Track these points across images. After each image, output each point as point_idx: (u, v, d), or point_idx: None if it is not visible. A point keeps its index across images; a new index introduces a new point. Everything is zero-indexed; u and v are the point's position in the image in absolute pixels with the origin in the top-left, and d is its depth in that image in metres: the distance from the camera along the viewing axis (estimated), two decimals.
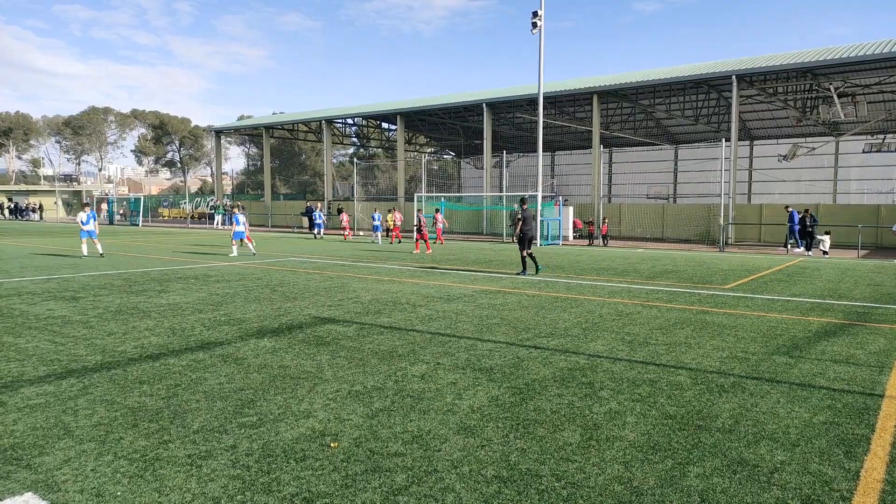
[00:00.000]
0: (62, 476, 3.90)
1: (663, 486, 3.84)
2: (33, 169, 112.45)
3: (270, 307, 10.27)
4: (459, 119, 48.02)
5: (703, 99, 39.53)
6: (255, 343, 7.63)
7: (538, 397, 5.59)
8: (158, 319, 9.09)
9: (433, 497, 3.68)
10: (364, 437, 4.60)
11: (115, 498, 3.62)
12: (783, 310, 10.53)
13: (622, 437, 4.66)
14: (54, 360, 6.72)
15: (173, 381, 5.98)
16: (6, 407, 5.17)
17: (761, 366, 6.76)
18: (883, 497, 3.74)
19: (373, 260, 19.60)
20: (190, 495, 3.66)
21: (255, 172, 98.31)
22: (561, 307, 10.59)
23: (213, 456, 4.23)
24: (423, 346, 7.53)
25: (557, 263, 18.98)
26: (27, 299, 10.85)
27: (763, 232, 29.89)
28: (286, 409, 5.21)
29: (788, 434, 4.75)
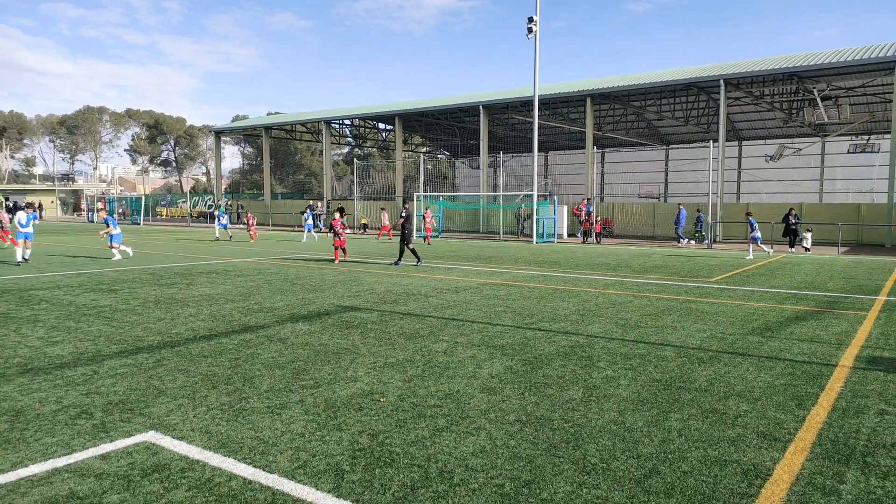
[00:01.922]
0: (172, 420, 4.88)
1: (649, 426, 4.87)
2: (27, 168, 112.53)
3: (295, 297, 11.24)
4: (455, 120, 49.02)
5: (692, 101, 40.72)
6: (292, 326, 8.61)
7: (546, 367, 6.61)
8: (197, 308, 10.05)
9: (469, 433, 4.69)
10: (405, 395, 5.60)
11: (221, 434, 4.60)
12: (761, 299, 11.60)
13: (616, 394, 5.69)
14: (120, 340, 7.68)
15: (232, 355, 6.96)
16: (100, 374, 6.14)
17: (736, 343, 7.81)
18: (820, 432, 4.78)
19: (378, 257, 20.56)
20: (279, 432, 4.66)
21: (250, 172, 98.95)
22: (560, 297, 11.62)
23: (287, 407, 5.23)
24: (441, 329, 8.54)
25: (554, 259, 20.02)
26: (69, 291, 11.77)
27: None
28: (335, 375, 6.21)
29: (753, 392, 5.79)
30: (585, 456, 4.28)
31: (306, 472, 3.99)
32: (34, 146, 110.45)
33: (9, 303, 10.37)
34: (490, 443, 4.50)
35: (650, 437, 4.63)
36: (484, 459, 4.21)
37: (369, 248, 25.15)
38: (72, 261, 17.89)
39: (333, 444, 4.44)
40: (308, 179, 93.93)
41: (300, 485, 3.80)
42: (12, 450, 4.26)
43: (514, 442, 4.52)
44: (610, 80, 39.03)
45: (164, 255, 20.29)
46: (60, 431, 4.61)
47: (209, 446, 4.37)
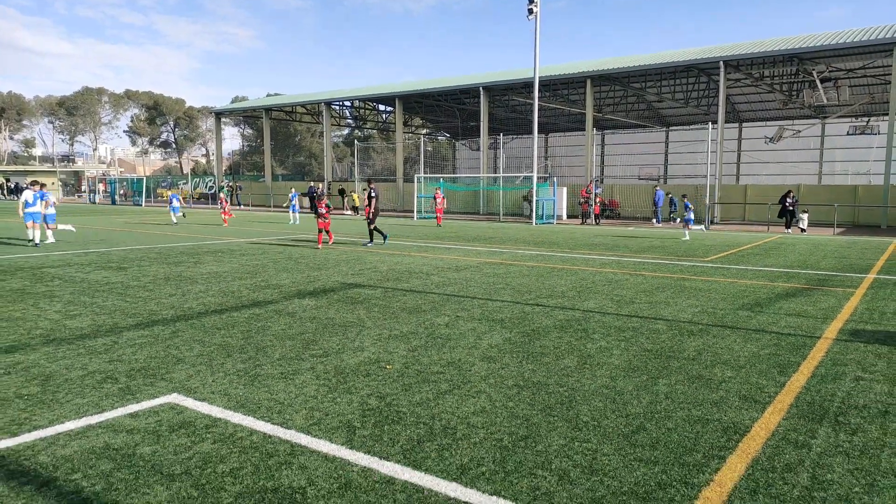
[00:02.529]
0: (192, 384, 5.22)
1: (639, 390, 5.21)
2: (26, 149, 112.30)
3: (300, 275, 11.56)
4: (456, 101, 49.02)
5: (692, 82, 40.75)
6: (299, 302, 8.93)
7: (543, 338, 6.95)
8: (206, 285, 10.37)
9: (470, 395, 5.03)
10: (410, 363, 5.94)
11: (239, 396, 4.94)
12: (753, 277, 11.93)
13: (609, 363, 6.02)
14: (136, 313, 8.01)
15: (243, 327, 7.29)
16: (119, 344, 6.47)
17: (726, 318, 8.15)
18: (799, 396, 5.12)
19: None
20: (293, 394, 5.00)
21: (250, 153, 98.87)
22: (557, 275, 11.94)
23: (299, 373, 5.56)
24: (442, 304, 8.86)
25: (553, 240, 20.32)
26: (80, 269, 12.09)
27: (748, 211, 31.33)
28: (343, 346, 6.54)
29: (738, 361, 6.12)
30: (578, 415, 4.62)
31: (320, 428, 4.33)
32: (33, 127, 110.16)
33: (23, 279, 10.69)
34: (490, 404, 4.84)
35: (639, 400, 4.97)
36: (484, 418, 4.55)
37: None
38: (78, 239, 18.18)
39: (344, 405, 4.78)
40: (308, 161, 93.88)
41: (315, 438, 4.14)
42: (47, 409, 4.60)
43: (512, 403, 4.86)
44: (610, 62, 39.03)
45: (167, 235, 20.59)
46: (89, 394, 4.94)
47: (229, 406, 4.71)
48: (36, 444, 3.98)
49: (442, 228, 25.69)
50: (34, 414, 4.49)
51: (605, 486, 3.55)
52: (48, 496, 3.34)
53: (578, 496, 3.43)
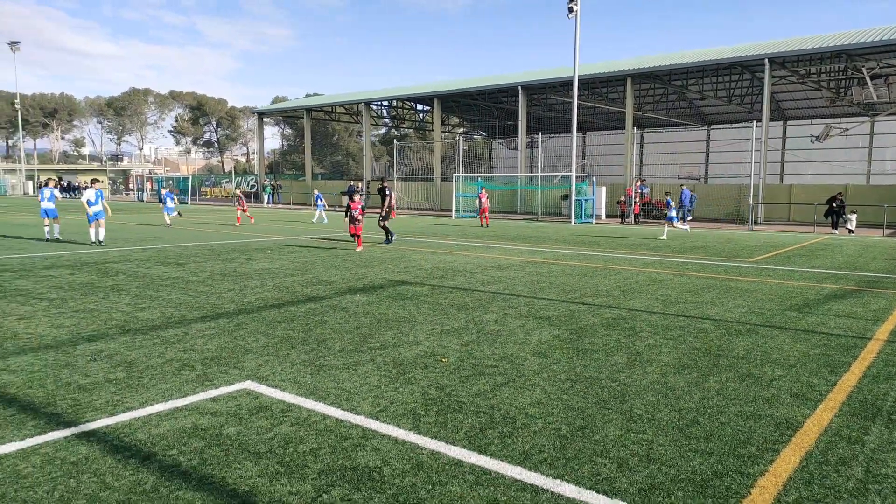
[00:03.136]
0: (263, 372, 5.56)
1: (690, 386, 5.35)
2: (76, 149, 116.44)
3: (348, 272, 11.92)
4: (493, 100, 49.11)
5: (735, 80, 40.02)
6: (351, 297, 9.27)
7: (591, 336, 7.12)
8: (261, 280, 10.80)
9: (525, 388, 5.25)
10: (464, 357, 6.18)
11: (308, 384, 5.26)
12: (801, 279, 11.83)
13: (659, 360, 6.17)
14: (199, 307, 8.45)
15: (302, 321, 7.64)
16: (190, 335, 6.88)
17: (774, 318, 8.18)
18: (851, 394, 5.19)
19: (418, 235, 21.18)
20: (357, 383, 5.29)
21: (289, 152, 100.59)
22: (601, 275, 12.05)
23: (360, 364, 5.86)
24: (489, 302, 9.09)
25: (593, 240, 20.34)
26: (140, 265, 12.69)
27: (792, 211, 30.70)
28: (399, 339, 6.83)
29: (788, 360, 6.20)
30: (632, 409, 4.80)
31: (387, 414, 4.61)
32: (83, 127, 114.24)
33: (90, 274, 11.30)
34: (545, 396, 5.06)
35: (690, 395, 5.12)
36: (541, 409, 4.77)
37: (404, 227, 25.74)
38: (134, 236, 18.96)
39: (407, 394, 5.05)
40: (345, 160, 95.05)
41: (384, 424, 4.42)
42: (136, 392, 4.99)
43: (567, 396, 5.06)
44: (651, 60, 38.63)
45: (218, 232, 21.29)
46: (171, 379, 5.33)
47: (300, 393, 5.02)
48: (132, 423, 4.36)
49: (481, 227, 25.88)
50: (125, 396, 4.89)
51: (663, 473, 3.73)
52: (151, 469, 3.69)
53: (638, 482, 3.62)
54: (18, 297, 8.97)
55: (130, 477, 3.57)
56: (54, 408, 4.62)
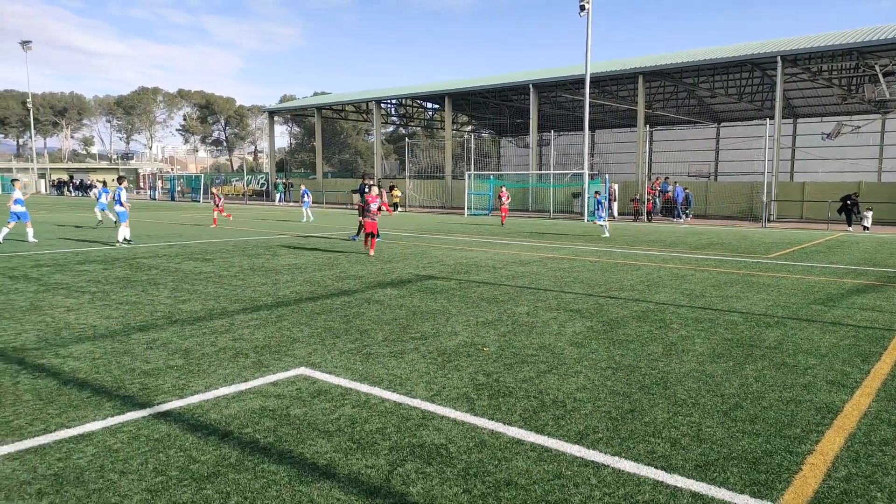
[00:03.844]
0: (315, 360, 5.78)
1: (727, 374, 5.54)
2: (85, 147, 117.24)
3: (374, 267, 12.14)
4: (503, 98, 49.24)
5: (746, 77, 40.04)
6: (382, 291, 9.48)
7: (624, 327, 7.31)
8: (291, 275, 11.03)
9: (569, 375, 5.44)
10: (504, 346, 6.39)
11: (359, 371, 5.47)
12: (821, 274, 11.97)
13: (693, 349, 6.35)
14: (238, 300, 8.68)
15: (340, 313, 7.86)
16: (236, 325, 7.11)
17: (800, 311, 8.34)
18: (885, 382, 5.37)
19: (434, 233, 21.39)
20: (407, 370, 5.50)
21: (297, 150, 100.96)
22: (623, 270, 12.23)
23: (405, 353, 6.07)
24: (518, 295, 9.29)
25: (608, 236, 20.49)
26: (170, 260, 12.94)
27: (805, 209, 30.75)
28: (437, 330, 7.04)
29: (819, 350, 6.37)
30: (675, 394, 4.99)
31: (442, 398, 4.81)
32: (92, 126, 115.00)
33: (123, 269, 11.56)
34: (589, 382, 5.25)
35: (730, 382, 5.31)
36: (588, 394, 4.97)
37: (414, 224, 25.94)
38: (157, 233, 19.24)
39: (457, 380, 5.25)
40: (353, 158, 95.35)
41: (441, 406, 4.63)
42: (199, 377, 5.22)
43: (610, 383, 5.26)
44: (663, 58, 38.68)
45: (236, 229, 21.56)
46: (229, 366, 5.55)
47: (354, 379, 5.24)
48: (203, 405, 4.58)
49: (493, 223, 26.06)
50: (190, 381, 5.11)
51: (716, 452, 3.93)
52: (232, 445, 3.91)
53: (693, 459, 3.81)
54: (61, 290, 9.23)
55: (214, 452, 3.79)
56: (125, 391, 4.85)
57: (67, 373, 5.28)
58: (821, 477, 3.62)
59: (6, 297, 8.58)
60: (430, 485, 3.45)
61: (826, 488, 3.49)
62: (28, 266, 11.73)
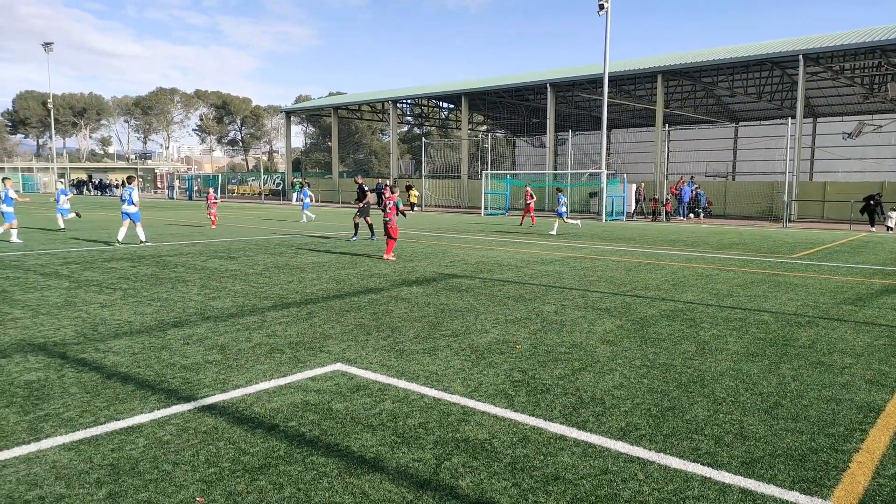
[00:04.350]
0: (350, 356, 5.83)
1: (764, 372, 5.51)
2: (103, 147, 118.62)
3: (397, 266, 12.18)
4: (519, 98, 49.15)
5: (766, 76, 39.66)
6: (408, 289, 9.52)
7: (654, 326, 7.29)
8: (316, 273, 11.11)
9: (604, 373, 5.45)
10: (536, 344, 6.40)
11: (395, 367, 5.51)
12: (848, 274, 11.85)
13: (727, 348, 6.32)
14: (266, 297, 8.76)
15: (369, 310, 7.91)
16: (267, 322, 7.18)
17: (830, 311, 8.27)
18: None
19: (453, 232, 21.41)
20: (442, 367, 5.53)
21: (311, 150, 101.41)
22: (646, 269, 12.18)
23: (438, 350, 6.10)
24: (544, 294, 9.29)
25: (628, 236, 20.42)
26: (194, 258, 13.08)
27: (826, 209, 30.41)
28: (468, 328, 7.06)
29: (855, 349, 6.32)
30: (713, 392, 4.98)
31: (480, 394, 4.84)
32: (111, 126, 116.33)
33: (150, 266, 11.70)
34: (625, 380, 5.25)
35: (767, 381, 5.28)
36: (625, 391, 4.97)
37: (427, 222, 25.95)
38: (176, 232, 19.44)
39: (493, 377, 5.28)
40: (368, 158, 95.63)
41: (480, 402, 4.65)
42: (238, 372, 5.28)
43: (647, 380, 5.25)
44: (682, 56, 38.43)
45: (255, 228, 21.73)
46: (266, 361, 5.61)
47: (391, 375, 5.28)
48: (245, 399, 4.64)
49: (512, 222, 26.03)
50: (230, 376, 5.18)
51: (761, 449, 3.92)
52: (279, 437, 3.96)
53: (738, 456, 3.81)
54: (93, 286, 9.37)
55: (262, 444, 3.85)
56: (168, 385, 4.92)
57: (109, 367, 5.37)
58: (870, 475, 3.59)
59: (41, 294, 8.73)
60: (478, 478, 3.48)
61: (876, 486, 3.47)
62: (57, 263, 11.91)
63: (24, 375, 5.11)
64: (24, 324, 6.93)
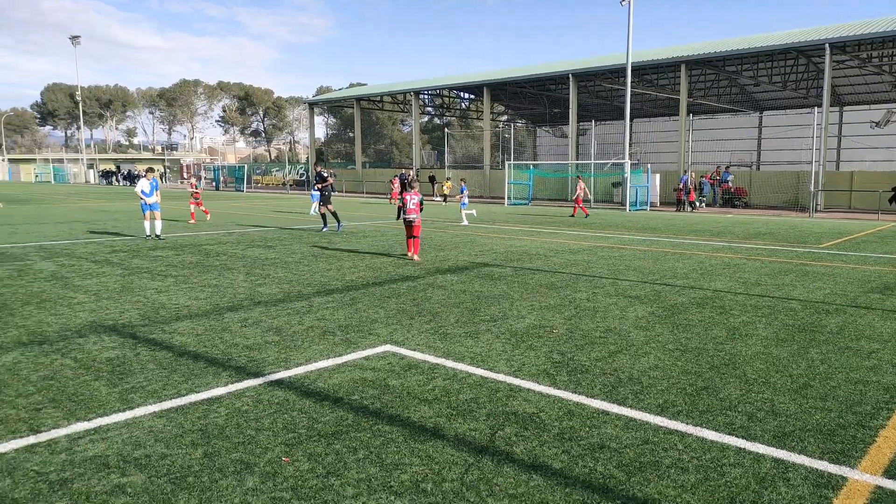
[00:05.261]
0: (397, 338, 6.20)
1: (794, 357, 5.78)
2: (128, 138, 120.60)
3: (429, 255, 12.53)
4: (541, 88, 49.11)
5: (791, 65, 39.21)
6: (443, 277, 9.88)
7: (684, 313, 7.56)
8: (353, 261, 11.51)
9: (640, 355, 5.75)
10: (572, 329, 6.71)
11: (441, 348, 5.87)
12: (876, 263, 11.96)
13: (756, 334, 6.59)
14: (309, 284, 9.17)
15: (409, 296, 8.27)
16: (315, 307, 7.58)
17: (858, 299, 8.46)
18: None
19: (479, 222, 21.71)
20: (485, 349, 5.88)
21: (332, 141, 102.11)
22: (673, 259, 12.40)
23: (480, 334, 6.45)
24: (575, 282, 9.58)
25: (654, 226, 20.56)
26: (233, 247, 13.57)
27: (853, 198, 30.16)
28: (504, 314, 7.40)
29: (882, 336, 6.54)
30: (745, 374, 5.26)
31: (524, 373, 5.18)
32: (136, 118, 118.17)
33: (193, 255, 12.20)
34: (660, 362, 5.55)
35: (797, 364, 5.55)
36: (661, 372, 5.27)
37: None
38: (214, 222, 20.01)
39: (534, 358, 5.61)
40: (389, 149, 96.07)
41: (525, 381, 5.00)
42: (296, 352, 5.68)
43: (681, 363, 5.55)
44: (706, 46, 38.16)
45: (287, 217, 22.24)
46: (320, 342, 6.01)
47: (438, 356, 5.64)
48: (308, 375, 5.04)
49: (538, 213, 26.24)
50: (290, 355, 5.58)
51: (791, 424, 4.21)
52: (345, 408, 4.34)
53: (770, 430, 4.11)
54: (144, 273, 9.87)
55: (331, 414, 4.23)
56: (235, 362, 5.34)
57: (178, 346, 5.80)
58: (895, 448, 3.87)
59: (99, 280, 9.24)
60: (531, 446, 3.83)
61: None
62: (106, 252, 12.47)
63: (104, 353, 5.56)
64: (90, 307, 7.42)
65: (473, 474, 3.46)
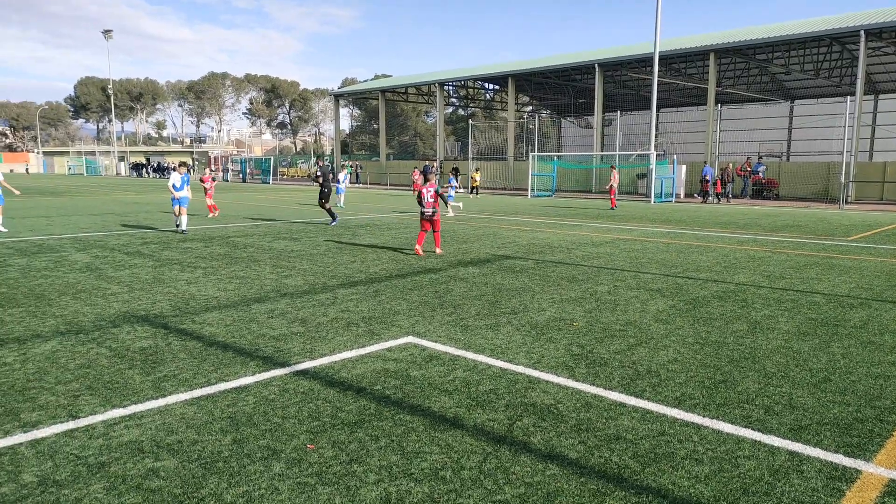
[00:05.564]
0: (420, 330, 6.33)
1: (815, 350, 5.77)
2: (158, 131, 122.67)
3: (451, 248, 12.65)
4: (566, 78, 48.72)
5: (824, 53, 38.29)
6: (465, 270, 9.98)
7: (706, 306, 7.56)
8: (376, 254, 11.67)
9: (659, 349, 5.79)
10: (592, 322, 6.77)
11: (462, 340, 5.98)
12: None
13: (778, 328, 6.57)
14: (334, 276, 9.35)
15: (430, 289, 8.40)
16: (339, 299, 7.75)
17: (884, 294, 8.35)
18: None
19: (502, 214, 21.74)
20: (505, 341, 5.98)
21: (357, 133, 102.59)
22: (697, 252, 12.32)
23: (500, 326, 6.55)
24: (596, 275, 9.61)
25: (679, 218, 20.38)
26: (261, 239, 13.84)
27: (886, 190, 29.46)
28: (525, 306, 7.48)
29: None
30: (764, 367, 5.28)
31: (543, 366, 5.27)
32: (165, 110, 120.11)
33: (222, 247, 12.49)
34: (679, 355, 5.60)
35: (817, 358, 5.54)
36: (679, 366, 5.32)
37: (490, 206, 26.30)
38: (241, 214, 20.37)
39: (553, 350, 5.69)
40: (413, 140, 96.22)
41: (544, 373, 5.09)
42: (321, 342, 5.85)
43: (700, 356, 5.59)
44: (735, 34, 37.45)
45: (311, 211, 22.54)
46: (344, 333, 6.17)
47: (459, 347, 5.75)
48: (332, 366, 5.19)
49: (562, 203, 26.16)
50: (315, 346, 5.75)
51: (808, 418, 4.24)
52: (368, 398, 4.48)
53: (787, 423, 4.14)
54: (175, 265, 10.16)
55: (354, 403, 4.38)
56: (262, 352, 5.52)
57: (208, 336, 6.01)
58: None
59: (131, 272, 9.54)
60: (548, 436, 3.93)
61: None
62: (137, 244, 12.82)
63: (137, 343, 5.79)
64: (123, 298, 7.69)
65: (491, 463, 3.58)
